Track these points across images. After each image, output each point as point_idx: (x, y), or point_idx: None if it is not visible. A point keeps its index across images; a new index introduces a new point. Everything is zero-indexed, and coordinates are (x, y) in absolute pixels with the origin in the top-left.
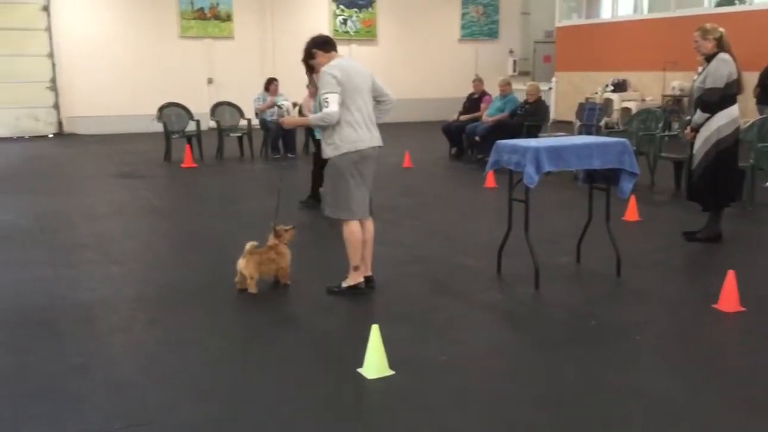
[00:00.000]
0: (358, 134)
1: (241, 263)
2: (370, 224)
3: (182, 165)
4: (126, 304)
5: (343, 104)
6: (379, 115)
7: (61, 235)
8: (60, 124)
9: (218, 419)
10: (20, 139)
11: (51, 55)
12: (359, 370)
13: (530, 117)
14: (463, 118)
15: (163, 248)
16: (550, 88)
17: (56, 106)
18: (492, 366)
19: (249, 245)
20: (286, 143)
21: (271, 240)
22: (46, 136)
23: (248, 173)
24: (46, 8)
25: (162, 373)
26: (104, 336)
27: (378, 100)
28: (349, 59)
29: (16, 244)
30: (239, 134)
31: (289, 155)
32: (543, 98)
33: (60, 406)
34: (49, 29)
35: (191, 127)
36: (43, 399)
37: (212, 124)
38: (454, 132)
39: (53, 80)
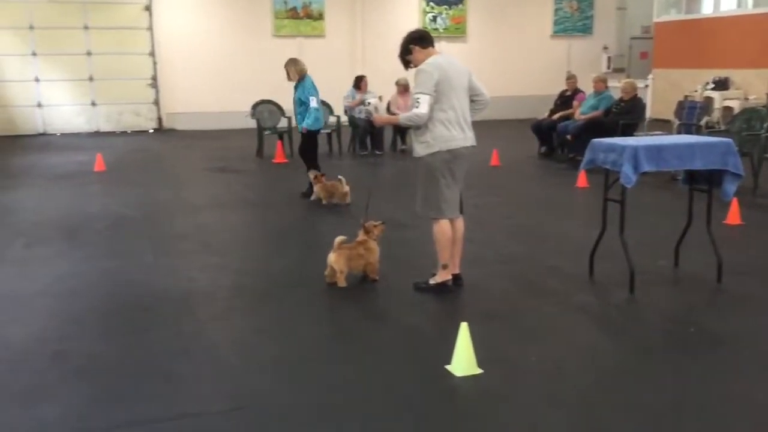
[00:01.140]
0: (451, 133)
1: (332, 257)
2: (460, 223)
3: (274, 160)
4: (223, 293)
5: (437, 102)
6: (472, 113)
7: (162, 226)
8: (160, 119)
9: (312, 407)
10: (123, 133)
11: (152, 54)
12: (447, 367)
13: (625, 115)
14: (554, 116)
15: (257, 240)
16: (647, 86)
17: (156, 103)
18: (584, 370)
19: (338, 240)
20: (374, 140)
21: (361, 236)
22: (147, 131)
23: (336, 169)
24: (148, 8)
25: (259, 360)
26: (204, 323)
27: (472, 99)
28: (446, 56)
29: (122, 234)
30: (328, 131)
31: (377, 152)
32: (639, 96)
33: (166, 388)
34: (150, 28)
35: (283, 123)
36: (150, 380)
37: None
38: (544, 130)
39: (154, 78)
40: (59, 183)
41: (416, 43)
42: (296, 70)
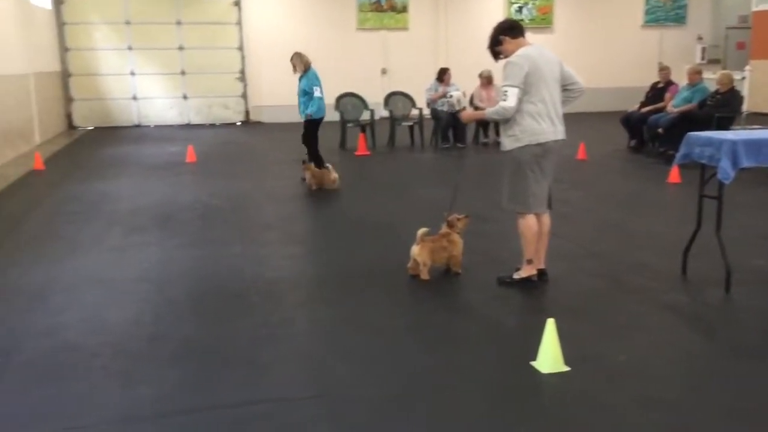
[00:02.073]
0: (541, 126)
1: (415, 250)
2: (546, 218)
3: (356, 153)
4: (308, 282)
5: (527, 95)
6: (566, 102)
7: (249, 216)
8: (247, 112)
9: (394, 398)
10: (212, 126)
11: (241, 48)
12: (533, 363)
13: (721, 108)
14: (645, 109)
15: (340, 231)
16: (744, 78)
17: (244, 96)
18: (676, 371)
19: (421, 232)
20: (456, 133)
21: (444, 228)
22: (235, 123)
23: (417, 162)
24: (237, 3)
25: (342, 350)
26: (289, 311)
27: (566, 87)
28: (537, 46)
29: (211, 223)
30: (410, 123)
31: (459, 145)
32: (736, 88)
33: (253, 373)
34: (239, 23)
35: (365, 116)
36: (237, 365)
37: (385, 113)
38: (634, 123)
39: (242, 71)
40: (153, 173)
41: (506, 34)
42: (301, 63)
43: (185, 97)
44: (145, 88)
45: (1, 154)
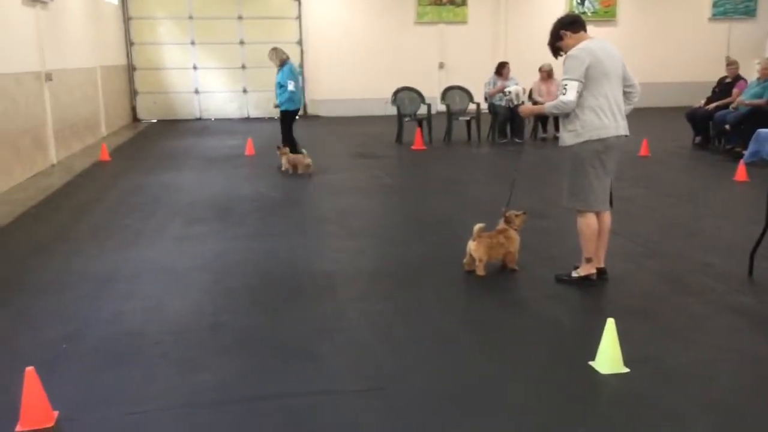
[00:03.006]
0: (602, 121)
1: (472, 245)
2: (607, 216)
3: (412, 147)
4: (363, 275)
5: (587, 89)
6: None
7: (306, 208)
8: (305, 106)
9: (449, 395)
10: (270, 119)
11: (300, 42)
12: (591, 363)
13: None
14: (711, 105)
15: (395, 225)
16: None
17: (302, 90)
18: (740, 375)
19: (477, 227)
20: (513, 128)
21: (501, 224)
22: None
23: (474, 157)
24: None
25: (396, 343)
26: (345, 304)
27: (624, 89)
28: (600, 40)
29: (269, 215)
30: (468, 118)
31: (517, 140)
32: None
33: (309, 364)
34: (299, 18)
35: (422, 110)
36: (293, 356)
37: (442, 107)
38: (699, 119)
39: (301, 65)
40: (213, 165)
41: (568, 29)
42: (277, 58)
43: (245, 91)
44: (206, 82)
45: (69, 145)
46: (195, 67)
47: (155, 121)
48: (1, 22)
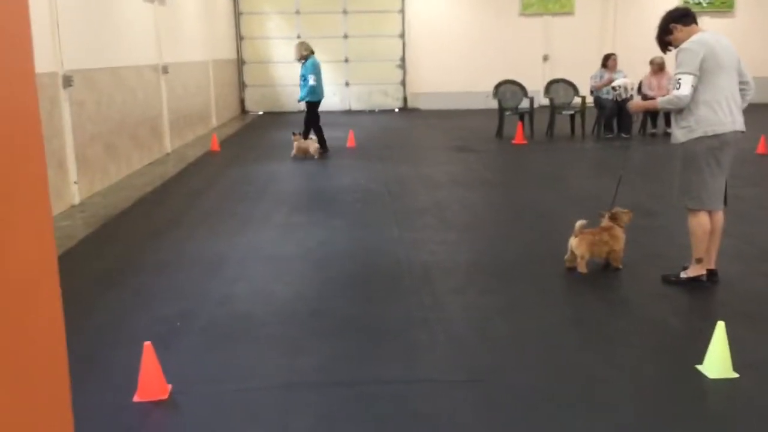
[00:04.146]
0: (718, 116)
1: (574, 242)
2: (720, 215)
3: (513, 141)
4: (461, 268)
5: (702, 82)
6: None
7: (405, 200)
8: (405, 99)
9: (547, 389)
10: (371, 112)
11: (402, 36)
12: (698, 366)
13: None
14: None
15: (494, 219)
16: None
17: (403, 83)
18: None
19: (579, 224)
20: (621, 123)
21: (606, 222)
22: (393, 110)
23: (578, 152)
24: None
25: (494, 337)
26: (442, 295)
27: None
28: (713, 33)
29: (369, 207)
30: (572, 112)
31: (623, 135)
32: None
33: (407, 353)
34: (402, 11)
35: (524, 104)
36: (393, 344)
37: (545, 101)
38: None
39: (402, 59)
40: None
41: (678, 22)
42: (299, 52)
43: (347, 84)
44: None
45: (183, 135)
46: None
47: (262, 113)
48: (123, 18)
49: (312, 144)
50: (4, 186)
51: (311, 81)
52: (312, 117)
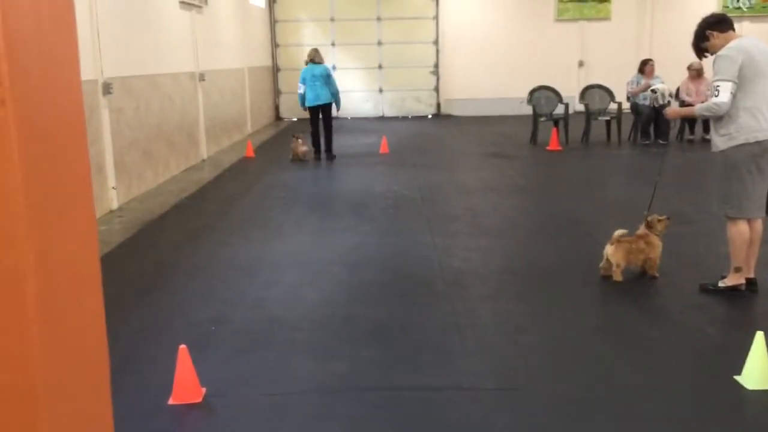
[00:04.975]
0: (759, 123)
1: (609, 250)
2: (759, 224)
3: (547, 147)
4: (494, 275)
5: (742, 89)
6: None
7: (438, 206)
8: (438, 105)
9: (580, 398)
10: (404, 118)
11: (436, 42)
12: (736, 377)
13: None
14: None
15: (528, 226)
16: None
17: (436, 89)
18: None
19: (617, 233)
20: (657, 129)
21: (642, 229)
22: (426, 116)
23: (614, 159)
24: None
25: (527, 344)
26: (474, 301)
27: None
28: (751, 38)
29: (402, 212)
30: (608, 118)
31: (660, 141)
32: None
33: (438, 360)
34: (436, 17)
35: (559, 110)
36: (424, 351)
37: (580, 107)
38: None
39: (436, 65)
40: (350, 162)
41: (714, 28)
42: (307, 56)
43: (381, 91)
44: (345, 82)
45: (219, 141)
46: (334, 68)
47: (296, 119)
48: (160, 25)
49: (299, 147)
50: (52, 187)
51: (300, 90)
52: (311, 120)
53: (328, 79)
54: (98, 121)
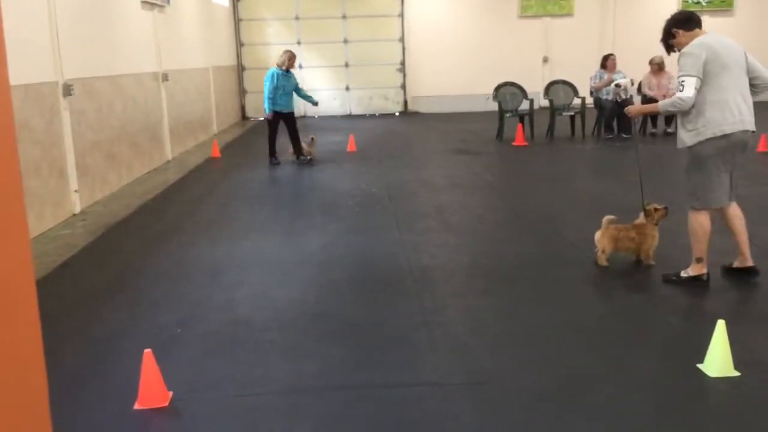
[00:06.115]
0: (724, 116)
1: (597, 235)
2: (735, 209)
3: (513, 143)
4: (462, 271)
5: (708, 84)
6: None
7: (406, 204)
8: (405, 103)
9: (549, 393)
10: (371, 116)
11: (402, 40)
12: (699, 365)
13: None
14: None
15: (495, 222)
16: None
17: (403, 87)
18: None
19: (606, 218)
20: (620, 123)
21: (641, 218)
22: (393, 114)
23: (578, 153)
24: None
25: (495, 340)
26: (443, 298)
27: (751, 82)
28: (715, 34)
29: (370, 211)
30: (572, 113)
31: (623, 135)
32: None
33: (408, 357)
34: (401, 15)
35: (524, 106)
36: (394, 348)
37: (545, 103)
38: None
39: (402, 63)
40: (318, 161)
41: (680, 26)
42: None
43: (347, 89)
44: (311, 81)
45: (184, 142)
46: (301, 66)
47: (262, 118)
48: (122, 25)
49: (309, 146)
50: None
51: (269, 93)
52: (270, 125)
53: (298, 91)
54: (59, 124)
